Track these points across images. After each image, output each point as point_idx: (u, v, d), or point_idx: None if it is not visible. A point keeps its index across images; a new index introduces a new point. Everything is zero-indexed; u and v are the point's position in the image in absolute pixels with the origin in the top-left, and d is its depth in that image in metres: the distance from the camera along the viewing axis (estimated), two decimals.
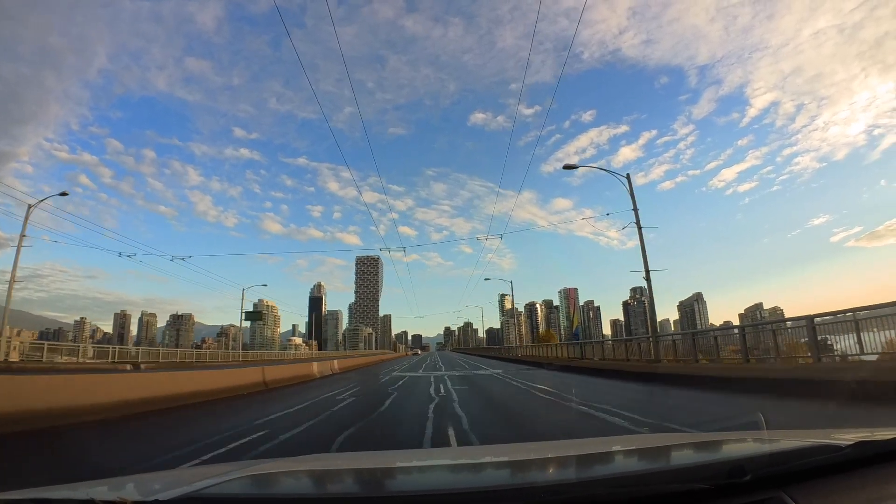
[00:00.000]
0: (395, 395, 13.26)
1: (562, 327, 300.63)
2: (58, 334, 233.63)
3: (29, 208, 28.55)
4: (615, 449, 2.37)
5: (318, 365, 24.87)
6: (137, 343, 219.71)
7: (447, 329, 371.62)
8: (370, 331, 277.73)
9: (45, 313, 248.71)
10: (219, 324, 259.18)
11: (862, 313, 10.41)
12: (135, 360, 31.26)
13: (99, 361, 31.24)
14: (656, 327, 21.41)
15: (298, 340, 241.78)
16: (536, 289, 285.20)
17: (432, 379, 19.78)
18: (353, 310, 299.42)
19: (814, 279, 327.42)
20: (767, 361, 13.08)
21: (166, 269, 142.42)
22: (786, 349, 12.54)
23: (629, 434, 6.33)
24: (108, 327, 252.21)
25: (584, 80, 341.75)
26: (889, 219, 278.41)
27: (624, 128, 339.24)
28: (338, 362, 30.17)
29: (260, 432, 7.30)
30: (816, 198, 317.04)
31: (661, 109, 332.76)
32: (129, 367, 26.59)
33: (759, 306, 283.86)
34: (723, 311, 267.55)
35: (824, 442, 1.63)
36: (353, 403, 11.44)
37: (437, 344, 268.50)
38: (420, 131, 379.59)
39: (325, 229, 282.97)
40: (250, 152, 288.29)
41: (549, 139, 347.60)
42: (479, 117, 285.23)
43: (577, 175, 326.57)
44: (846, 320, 10.69)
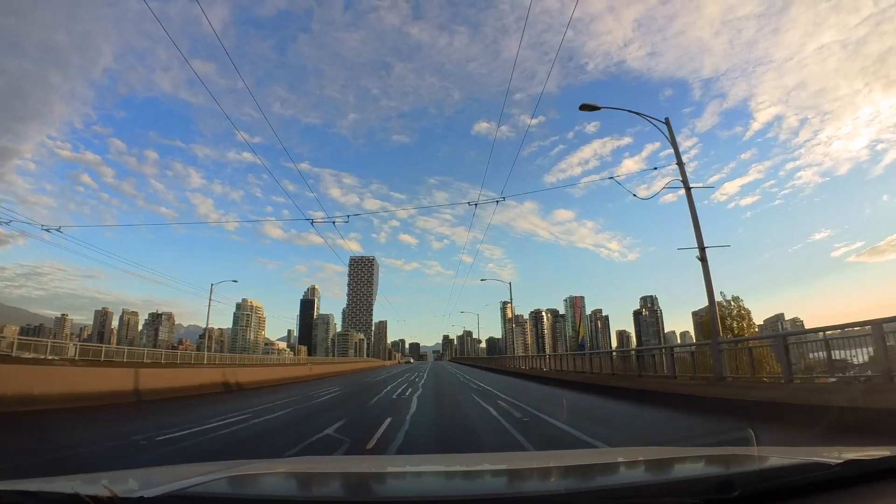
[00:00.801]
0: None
1: (567, 337, 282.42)
2: (39, 331, 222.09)
3: None
4: (605, 461, 2.36)
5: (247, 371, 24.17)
6: (119, 342, 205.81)
7: (445, 338, 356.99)
8: (361, 336, 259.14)
9: (43, 311, 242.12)
10: (215, 326, 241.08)
11: (830, 332, 10.14)
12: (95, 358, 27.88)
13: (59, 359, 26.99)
14: (717, 330, 13.61)
15: (282, 345, 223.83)
16: (538, 299, 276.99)
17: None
18: (345, 315, 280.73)
19: (814, 294, 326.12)
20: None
21: (167, 272, 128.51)
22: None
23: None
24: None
25: (588, 91, 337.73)
26: (890, 234, 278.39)
27: (627, 139, 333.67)
28: (283, 370, 29.19)
29: None
30: (818, 212, 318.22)
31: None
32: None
33: (780, 317, 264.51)
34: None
35: (814, 460, 1.62)
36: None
37: (434, 353, 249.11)
38: (424, 139, 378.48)
39: (326, 235, 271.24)
40: (253, 156, 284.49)
41: (552, 149, 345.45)
42: (482, 126, 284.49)
43: (578, 187, 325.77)
44: (816, 339, 10.54)
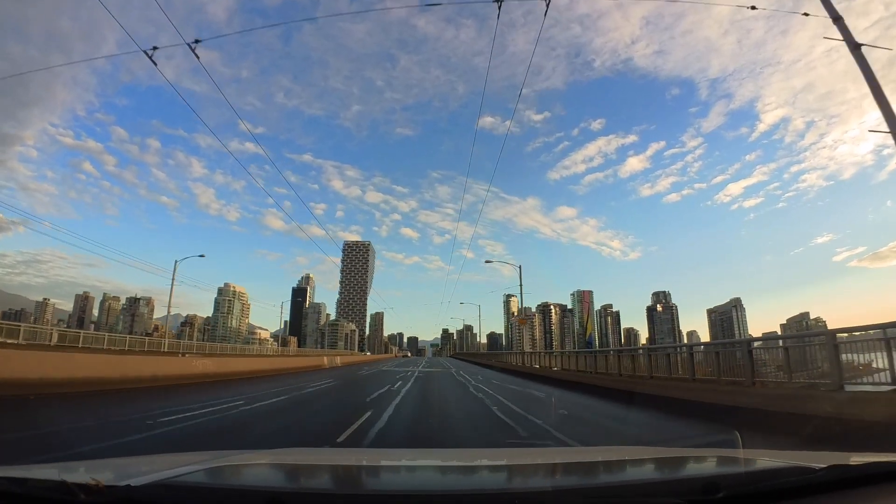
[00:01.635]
0: None
1: (575, 333, 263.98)
2: (20, 315, 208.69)
3: None
4: (592, 460, 2.38)
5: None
6: (98, 328, 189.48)
7: (445, 332, 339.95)
8: (353, 327, 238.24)
9: (41, 299, 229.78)
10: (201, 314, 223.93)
11: (789, 341, 10.38)
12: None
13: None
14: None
15: (265, 334, 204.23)
16: (539, 296, 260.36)
17: None
18: (339, 305, 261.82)
19: (814, 298, 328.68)
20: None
21: (166, 262, 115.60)
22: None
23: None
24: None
25: (594, 88, 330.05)
26: (893, 240, 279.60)
27: (632, 138, 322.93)
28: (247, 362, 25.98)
29: None
30: (821, 216, 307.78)
31: (670, 121, 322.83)
32: None
33: (804, 315, 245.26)
34: (759, 320, 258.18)
35: (798, 464, 1.64)
36: None
37: (433, 347, 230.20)
38: (427, 133, 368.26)
39: (328, 227, 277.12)
40: (255, 146, 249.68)
41: (556, 146, 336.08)
42: (487, 121, 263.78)
43: (582, 184, 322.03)
44: (775, 346, 10.73)
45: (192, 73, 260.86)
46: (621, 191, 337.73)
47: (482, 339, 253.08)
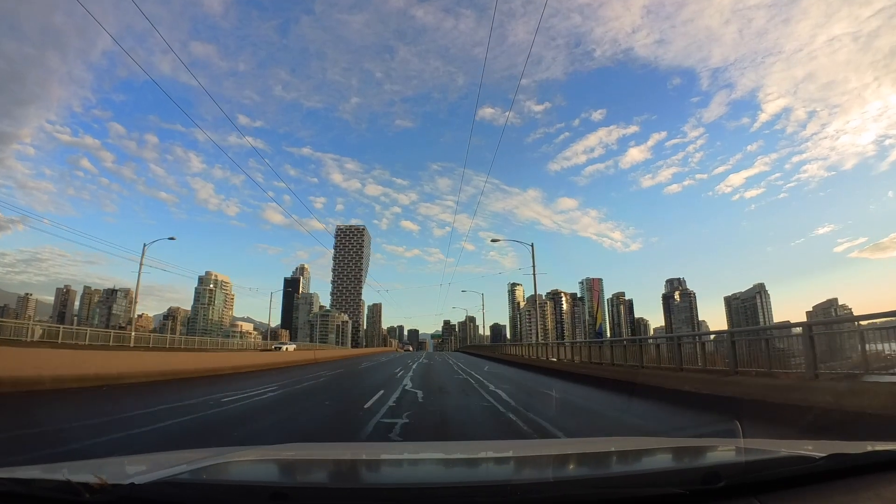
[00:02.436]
0: None
1: (585, 323, 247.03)
2: (4, 311, 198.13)
3: None
4: (593, 451, 2.36)
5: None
6: (78, 322, 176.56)
7: (446, 324, 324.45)
8: (346, 318, 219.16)
9: (43, 297, 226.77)
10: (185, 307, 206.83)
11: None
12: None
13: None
14: None
15: (248, 327, 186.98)
16: (545, 287, 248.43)
17: None
18: (332, 295, 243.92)
19: (815, 288, 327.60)
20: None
21: (168, 258, 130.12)
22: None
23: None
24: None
25: (595, 78, 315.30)
26: (894, 231, 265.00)
27: (634, 128, 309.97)
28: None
29: None
30: (823, 207, 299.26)
31: (671, 111, 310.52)
32: None
33: (832, 302, 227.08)
34: (780, 308, 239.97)
35: (798, 453, 1.67)
36: None
37: (434, 339, 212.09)
38: (427, 124, 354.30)
39: (327, 221, 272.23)
40: (254, 140, 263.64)
41: (557, 136, 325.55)
42: (487, 112, 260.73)
43: (583, 175, 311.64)
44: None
45: (190, 66, 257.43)
46: (622, 182, 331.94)
47: (485, 330, 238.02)
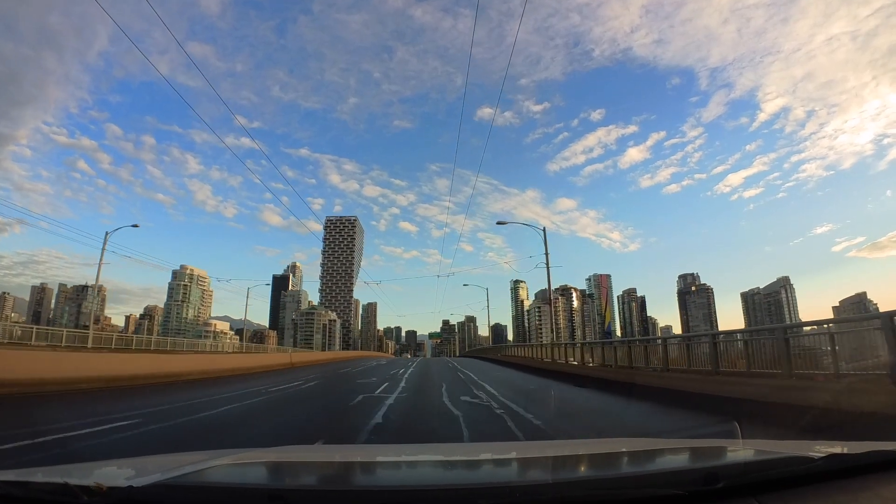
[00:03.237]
0: None
1: (595, 322, 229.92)
2: None
3: None
4: (592, 452, 2.37)
5: None
6: (50, 322, 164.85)
7: (445, 324, 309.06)
8: (333, 316, 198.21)
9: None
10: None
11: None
12: None
13: None
14: None
15: (223, 326, 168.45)
16: (542, 286, 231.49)
17: None
18: (321, 292, 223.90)
19: (813, 288, 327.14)
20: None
21: (166, 260, 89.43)
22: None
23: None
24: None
25: (594, 78, 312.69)
26: (892, 230, 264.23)
27: (633, 128, 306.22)
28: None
29: None
30: (821, 206, 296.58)
31: (670, 111, 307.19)
32: None
33: (862, 296, 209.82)
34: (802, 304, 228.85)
35: (797, 453, 1.66)
36: None
37: (433, 338, 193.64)
38: (425, 125, 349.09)
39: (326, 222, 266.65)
40: (251, 141, 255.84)
41: (556, 137, 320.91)
42: (486, 112, 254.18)
43: (581, 175, 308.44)
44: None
45: (187, 67, 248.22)
46: (621, 182, 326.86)
47: (486, 331, 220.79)
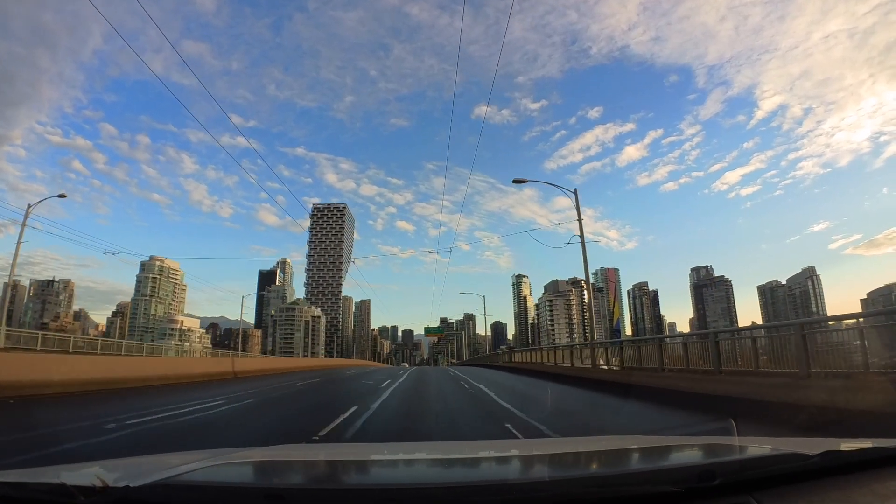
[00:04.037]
0: None
1: (606, 318, 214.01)
2: None
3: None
4: (588, 450, 2.37)
5: None
6: (15, 322, 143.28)
7: (443, 322, 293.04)
8: (317, 313, 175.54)
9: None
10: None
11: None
12: None
13: None
14: None
15: (192, 323, 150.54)
16: (548, 280, 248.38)
17: None
18: (307, 287, 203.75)
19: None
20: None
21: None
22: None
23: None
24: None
25: (591, 76, 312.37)
26: (888, 227, 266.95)
27: (630, 126, 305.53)
28: None
29: None
30: (818, 204, 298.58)
31: (667, 109, 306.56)
32: None
33: (892, 287, 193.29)
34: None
35: (793, 450, 1.66)
36: None
37: (429, 334, 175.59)
38: (422, 123, 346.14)
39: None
40: (247, 140, 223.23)
41: (553, 135, 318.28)
42: (483, 110, 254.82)
43: (579, 173, 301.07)
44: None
45: (182, 65, 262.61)
46: (618, 180, 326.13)
47: (486, 330, 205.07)
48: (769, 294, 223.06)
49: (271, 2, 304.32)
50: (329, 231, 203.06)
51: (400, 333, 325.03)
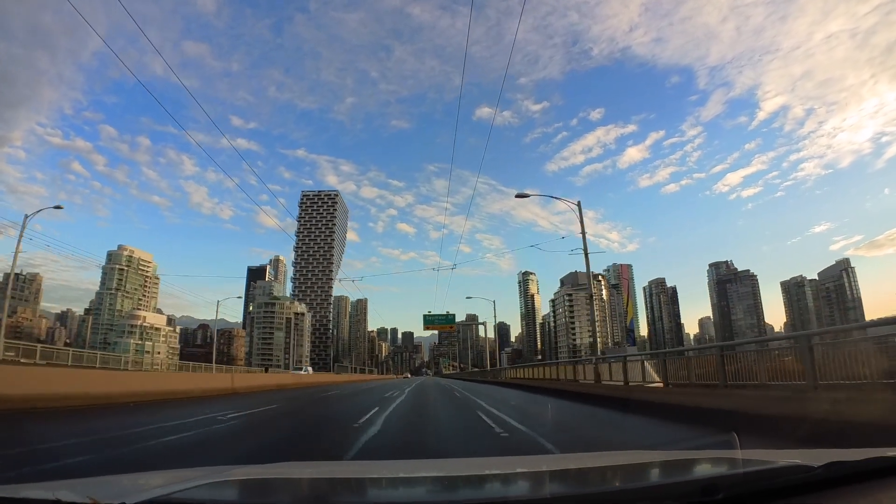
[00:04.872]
0: None
1: (621, 317, 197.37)
2: None
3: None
4: (589, 466, 2.36)
5: None
6: None
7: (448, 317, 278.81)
8: (301, 308, 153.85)
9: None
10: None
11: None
12: None
13: None
14: None
15: (158, 320, 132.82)
16: (553, 286, 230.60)
17: None
18: (294, 281, 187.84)
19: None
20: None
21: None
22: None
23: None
24: None
25: (593, 77, 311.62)
26: (889, 228, 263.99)
27: (632, 127, 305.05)
28: None
29: None
30: (819, 205, 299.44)
31: (669, 110, 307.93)
32: None
33: None
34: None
35: (796, 462, 1.66)
36: None
37: (428, 324, 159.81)
38: (423, 125, 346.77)
39: None
40: (248, 142, 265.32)
41: (555, 136, 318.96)
42: (484, 112, 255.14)
43: (580, 175, 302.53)
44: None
45: (182, 66, 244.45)
46: (620, 182, 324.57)
47: (495, 336, 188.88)
48: (793, 290, 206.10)
49: (272, 3, 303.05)
50: (319, 221, 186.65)
51: (400, 336, 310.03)
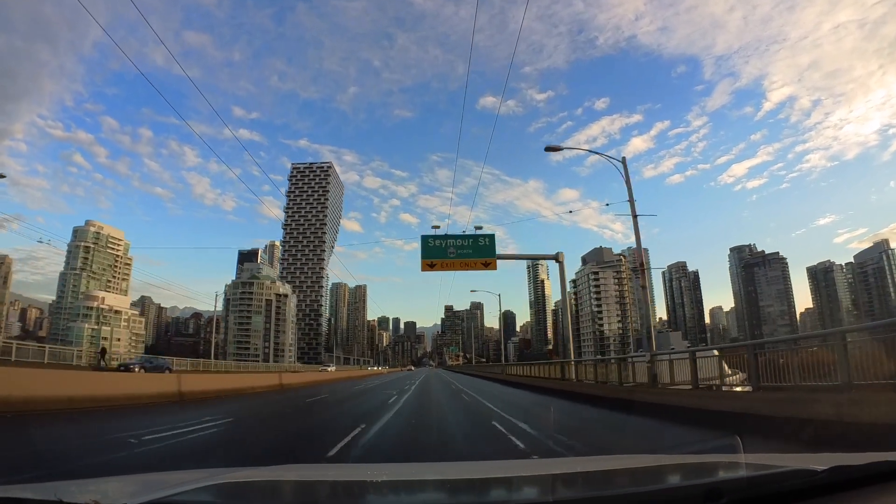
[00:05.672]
0: None
1: (640, 304, 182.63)
2: None
3: None
4: (593, 469, 2.36)
5: None
6: None
7: (449, 310, 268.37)
8: (284, 290, 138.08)
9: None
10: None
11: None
12: None
13: None
14: None
15: (119, 302, 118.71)
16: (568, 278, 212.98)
17: None
18: (282, 262, 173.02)
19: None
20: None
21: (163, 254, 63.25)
22: None
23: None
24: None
25: (598, 67, 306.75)
26: (894, 221, 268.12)
27: (637, 117, 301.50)
28: None
29: None
30: (824, 197, 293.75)
31: (674, 100, 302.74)
32: None
33: None
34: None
35: (800, 466, 1.63)
36: None
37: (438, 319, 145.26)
38: (426, 114, 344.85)
39: None
40: (250, 133, 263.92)
41: (559, 126, 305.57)
42: (488, 101, 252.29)
43: (585, 165, 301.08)
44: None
45: (184, 56, 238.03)
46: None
47: (492, 322, 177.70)
48: (821, 276, 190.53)
49: None
50: (311, 196, 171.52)
51: (402, 325, 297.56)
